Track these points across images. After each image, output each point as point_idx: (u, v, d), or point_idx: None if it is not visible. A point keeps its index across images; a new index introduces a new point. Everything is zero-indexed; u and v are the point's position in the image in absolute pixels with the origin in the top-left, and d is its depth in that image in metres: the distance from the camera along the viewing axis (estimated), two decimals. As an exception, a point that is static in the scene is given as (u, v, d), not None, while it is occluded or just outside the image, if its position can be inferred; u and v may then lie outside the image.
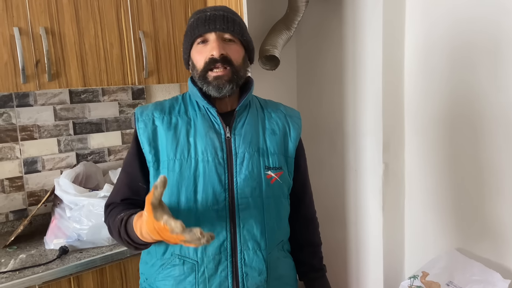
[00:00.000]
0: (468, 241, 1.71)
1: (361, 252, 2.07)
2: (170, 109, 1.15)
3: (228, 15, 1.10)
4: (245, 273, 1.09)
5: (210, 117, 1.13)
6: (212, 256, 1.07)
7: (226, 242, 1.07)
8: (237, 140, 1.12)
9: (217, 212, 1.07)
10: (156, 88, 2.19)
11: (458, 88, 1.69)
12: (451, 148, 1.74)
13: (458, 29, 1.66)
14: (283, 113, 1.23)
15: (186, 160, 1.08)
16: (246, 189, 1.09)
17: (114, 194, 1.15)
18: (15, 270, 1.45)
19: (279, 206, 1.15)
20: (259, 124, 1.17)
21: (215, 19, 1.07)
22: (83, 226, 1.58)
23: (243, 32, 1.12)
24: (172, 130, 1.11)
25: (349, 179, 2.10)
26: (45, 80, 1.58)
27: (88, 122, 2.00)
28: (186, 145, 1.10)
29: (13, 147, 1.83)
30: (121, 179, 1.15)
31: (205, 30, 1.07)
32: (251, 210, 1.09)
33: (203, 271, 1.07)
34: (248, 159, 1.11)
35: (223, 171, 1.09)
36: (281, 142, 1.18)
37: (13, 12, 1.50)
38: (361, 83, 1.96)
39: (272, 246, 1.14)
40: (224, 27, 1.07)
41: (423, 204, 1.88)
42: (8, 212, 1.85)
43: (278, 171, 1.14)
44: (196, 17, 1.11)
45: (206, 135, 1.10)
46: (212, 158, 1.08)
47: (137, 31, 1.76)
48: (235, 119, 1.14)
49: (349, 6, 1.99)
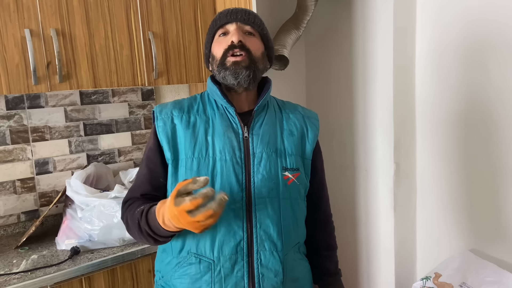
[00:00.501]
0: (481, 242, 1.69)
1: (372, 253, 2.05)
2: (189, 107, 1.16)
3: (249, 11, 1.15)
4: (261, 274, 1.08)
5: (229, 117, 1.14)
6: (229, 256, 1.06)
7: (243, 242, 1.07)
8: (255, 140, 1.12)
9: (234, 211, 1.07)
10: (165, 89, 2.19)
11: (470, 87, 1.67)
12: (463, 147, 1.72)
13: (470, 28, 1.64)
14: (301, 114, 1.23)
15: (204, 159, 1.09)
16: (263, 189, 1.09)
17: (135, 189, 1.16)
18: (27, 270, 1.46)
19: (295, 207, 1.15)
20: (277, 125, 1.17)
21: (236, 11, 1.13)
22: (94, 226, 1.59)
23: (263, 27, 1.16)
24: (190, 129, 1.12)
25: (359, 179, 2.08)
26: (56, 82, 1.58)
27: (98, 123, 2.01)
28: (204, 144, 1.10)
29: (25, 148, 1.85)
30: (142, 175, 1.15)
31: (227, 20, 1.12)
32: (268, 210, 1.09)
33: (219, 270, 1.06)
34: (266, 159, 1.10)
35: (241, 170, 1.09)
36: (299, 143, 1.18)
37: (24, 14, 1.51)
38: (371, 82, 1.94)
39: (289, 248, 1.13)
40: (245, 18, 1.12)
41: (435, 204, 1.86)
42: (20, 213, 1.86)
43: (295, 172, 1.14)
44: (218, 14, 1.16)
45: (224, 134, 1.11)
46: (230, 158, 1.09)
47: (146, 32, 1.76)
48: (253, 119, 1.14)
49: (359, 5, 1.97)
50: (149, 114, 2.15)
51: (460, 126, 1.72)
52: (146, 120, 2.15)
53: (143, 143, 2.14)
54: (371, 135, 1.98)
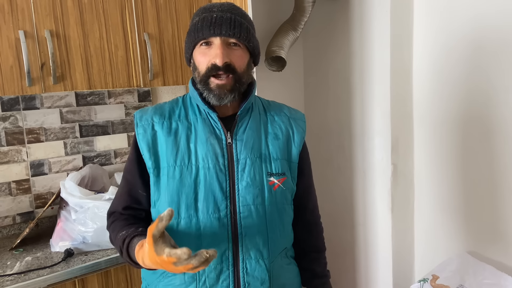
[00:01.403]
0: (480, 244, 1.68)
1: (369, 255, 2.03)
2: (170, 113, 1.12)
3: (235, 18, 1.04)
4: (247, 283, 1.06)
5: (211, 122, 1.10)
6: (214, 266, 1.04)
7: (228, 251, 1.05)
8: (239, 146, 1.09)
9: (218, 220, 1.04)
10: (161, 90, 2.19)
11: (468, 88, 1.66)
12: (461, 149, 1.70)
13: (467, 30, 1.63)
14: (286, 116, 1.19)
15: (186, 167, 1.06)
16: (248, 196, 1.06)
17: (116, 202, 1.14)
18: (20, 272, 1.46)
19: (282, 213, 1.12)
20: (261, 129, 1.13)
21: (221, 22, 1.02)
22: (88, 228, 1.58)
23: (250, 38, 1.07)
24: (172, 136, 1.08)
25: (357, 181, 2.07)
26: (51, 83, 1.58)
27: (94, 125, 2.01)
28: (187, 151, 1.07)
29: (20, 150, 1.84)
30: (122, 187, 1.13)
31: (210, 34, 1.02)
32: (254, 218, 1.06)
33: (204, 280, 1.04)
34: (250, 165, 1.08)
35: (224, 178, 1.06)
36: (284, 147, 1.14)
37: (18, 15, 1.51)
38: (368, 83, 1.93)
39: (275, 255, 1.11)
40: (230, 32, 1.02)
41: (433, 206, 1.84)
42: (15, 214, 1.85)
43: (281, 177, 1.11)
44: (201, 17, 1.05)
45: (207, 141, 1.08)
46: (213, 165, 1.06)
47: (142, 33, 1.76)
48: (237, 124, 1.10)
49: (356, 6, 1.97)
50: (146, 115, 2.15)
51: (458, 127, 1.71)
52: (143, 121, 2.14)
53: (139, 144, 2.14)
54: (368, 136, 1.97)
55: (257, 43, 1.12)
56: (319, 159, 2.23)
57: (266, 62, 2.10)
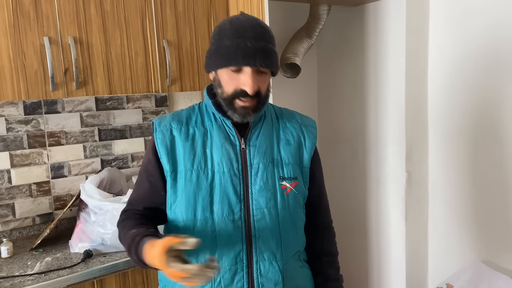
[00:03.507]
0: (494, 253, 1.67)
1: (382, 263, 2.03)
2: (187, 119, 1.17)
3: (267, 47, 1.06)
4: (261, 284, 1.10)
5: (226, 128, 1.15)
6: (228, 267, 1.08)
7: (242, 252, 1.09)
8: (252, 151, 1.13)
9: (233, 222, 1.09)
10: (178, 96, 2.23)
11: (483, 97, 1.66)
12: (476, 157, 1.70)
13: (484, 39, 1.63)
14: (298, 123, 1.23)
15: (203, 171, 1.10)
16: (261, 199, 1.11)
17: (136, 202, 1.18)
18: (41, 272, 1.49)
19: (294, 216, 1.16)
20: (273, 135, 1.18)
21: (255, 53, 1.03)
22: (107, 230, 1.62)
23: (276, 64, 1.10)
24: (189, 141, 1.13)
25: (370, 188, 2.08)
26: (73, 88, 1.63)
27: (112, 129, 2.05)
28: (203, 156, 1.12)
29: (41, 152, 1.89)
30: (144, 188, 1.17)
31: (243, 64, 1.04)
32: (267, 221, 1.10)
33: (219, 281, 1.08)
34: (263, 170, 1.12)
35: (239, 182, 1.11)
36: (296, 152, 1.18)
37: (44, 22, 1.56)
38: (383, 91, 1.95)
39: (288, 257, 1.15)
40: (263, 64, 1.04)
41: (448, 215, 1.84)
42: (35, 215, 1.90)
43: (293, 181, 1.15)
44: (234, 43, 1.04)
45: (222, 146, 1.12)
46: (227, 170, 1.10)
47: (161, 40, 1.80)
48: (250, 130, 1.15)
49: (371, 14, 1.98)
50: (162, 120, 2.18)
51: (472, 135, 1.71)
52: (159, 126, 2.18)
53: (156, 149, 2.17)
54: (382, 143, 1.98)
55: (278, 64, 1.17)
56: (333, 166, 2.25)
57: (281, 68, 2.13)
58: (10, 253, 1.65)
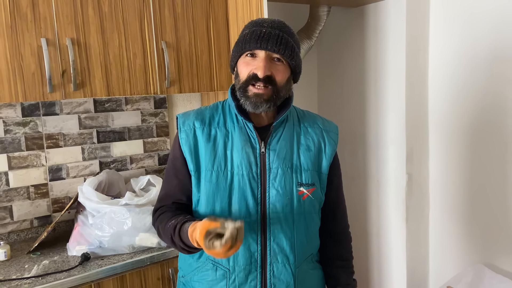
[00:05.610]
0: (495, 255, 1.65)
1: (383, 265, 2.02)
2: (210, 120, 1.18)
3: (283, 35, 1.09)
4: (273, 284, 1.13)
5: (247, 131, 1.15)
6: (243, 266, 1.12)
7: (257, 253, 1.12)
8: (272, 156, 1.14)
9: (249, 224, 1.11)
10: (177, 98, 2.21)
11: (484, 98, 1.65)
12: (477, 159, 1.69)
13: (486, 39, 1.62)
14: (320, 128, 1.23)
15: (222, 172, 1.12)
16: (277, 204, 1.12)
17: (166, 198, 1.20)
18: (38, 276, 1.48)
19: (309, 221, 1.17)
20: (294, 140, 1.18)
21: (268, 38, 1.07)
22: (104, 233, 1.60)
23: (293, 56, 1.11)
24: (211, 142, 1.14)
25: (371, 190, 2.06)
26: (71, 90, 1.61)
27: (111, 131, 2.04)
28: (223, 157, 1.13)
29: (39, 154, 1.88)
30: (173, 185, 1.19)
31: (256, 47, 1.08)
32: (282, 225, 1.12)
33: (234, 279, 1.12)
34: (281, 175, 1.13)
35: (257, 185, 1.12)
36: (315, 159, 1.19)
37: (41, 24, 1.55)
38: (383, 92, 1.93)
39: (301, 260, 1.17)
40: (276, 48, 1.07)
41: (448, 216, 1.83)
42: (33, 218, 1.89)
43: (310, 188, 1.16)
44: (251, 30, 1.10)
45: (242, 149, 1.13)
46: (246, 172, 1.12)
47: (159, 41, 1.79)
48: (271, 134, 1.15)
49: (371, 15, 1.97)
50: (161, 122, 2.17)
51: (473, 137, 1.70)
52: (158, 128, 2.17)
53: (154, 150, 2.16)
54: (383, 145, 1.97)
55: (300, 62, 1.17)
56: (333, 168, 2.23)
57: (281, 70, 2.12)
58: (7, 256, 1.64)
